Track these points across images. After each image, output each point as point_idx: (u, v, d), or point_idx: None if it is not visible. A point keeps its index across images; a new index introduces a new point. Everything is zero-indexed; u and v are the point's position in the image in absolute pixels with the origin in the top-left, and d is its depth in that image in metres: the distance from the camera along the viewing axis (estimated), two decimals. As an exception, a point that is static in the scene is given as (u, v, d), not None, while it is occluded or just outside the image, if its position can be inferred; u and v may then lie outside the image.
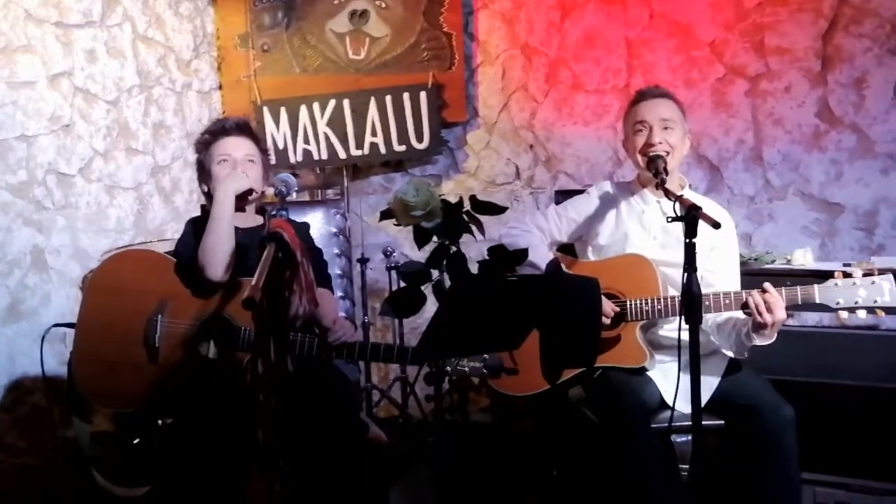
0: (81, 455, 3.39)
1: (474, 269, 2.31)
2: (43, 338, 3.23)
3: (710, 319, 2.99)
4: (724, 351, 3.01)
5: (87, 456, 3.35)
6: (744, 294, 2.81)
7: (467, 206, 2.20)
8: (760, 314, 2.71)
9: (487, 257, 2.20)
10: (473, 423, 4.16)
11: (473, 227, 2.17)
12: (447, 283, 2.16)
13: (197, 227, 2.95)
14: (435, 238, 2.16)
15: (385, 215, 2.19)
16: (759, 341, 2.81)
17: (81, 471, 3.35)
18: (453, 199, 2.30)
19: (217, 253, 2.83)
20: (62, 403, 3.54)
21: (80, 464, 3.38)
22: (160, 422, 2.98)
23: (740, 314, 2.86)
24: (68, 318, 3.26)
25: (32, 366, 3.51)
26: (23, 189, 3.72)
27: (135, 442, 3.13)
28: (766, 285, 2.75)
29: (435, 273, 2.18)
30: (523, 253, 2.22)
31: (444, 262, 2.12)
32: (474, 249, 2.48)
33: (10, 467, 3.55)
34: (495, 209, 2.20)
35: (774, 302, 2.71)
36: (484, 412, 4.30)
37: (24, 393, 3.64)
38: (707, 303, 2.85)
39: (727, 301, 2.84)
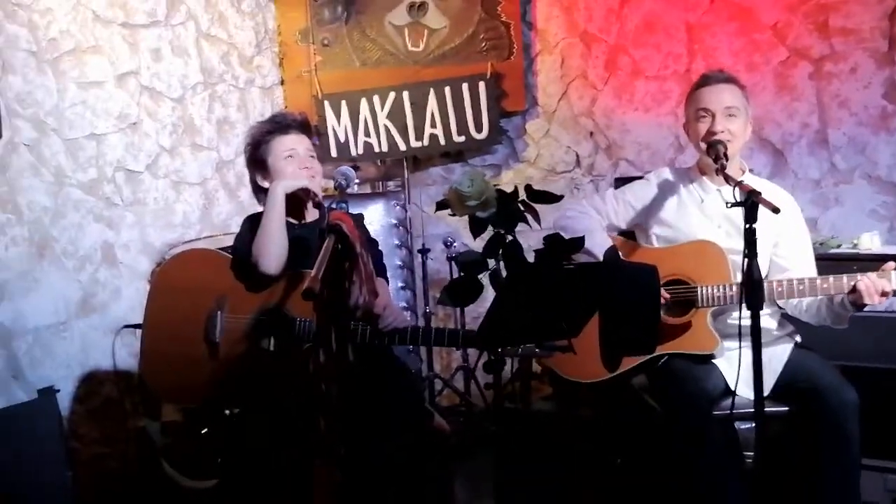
0: (152, 445, 3.48)
1: (531, 257, 2.31)
2: (115, 336, 3.33)
3: (794, 302, 2.97)
4: (821, 323, 2.97)
5: (157, 446, 3.44)
6: (818, 280, 2.79)
7: (523, 195, 2.20)
8: (871, 299, 2.70)
9: (543, 246, 2.20)
10: (535, 412, 4.15)
11: (529, 217, 2.18)
12: (504, 272, 2.16)
13: (254, 224, 3.00)
14: (491, 228, 2.17)
15: (441, 206, 2.21)
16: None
17: (152, 461, 3.44)
18: (512, 189, 2.31)
19: (270, 246, 2.89)
20: (133, 394, 3.64)
21: (151, 454, 3.47)
22: (227, 412, 3.05)
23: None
24: (138, 310, 3.34)
25: (104, 358, 3.61)
26: (93, 186, 3.82)
27: (203, 432, 3.21)
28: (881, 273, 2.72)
29: (491, 262, 2.19)
30: (580, 241, 2.22)
31: (500, 252, 2.13)
32: (532, 238, 2.49)
33: (84, 457, 3.65)
34: (551, 198, 2.21)
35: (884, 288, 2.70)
36: (546, 400, 4.29)
37: (97, 384, 3.74)
38: (780, 289, 2.84)
39: (801, 287, 2.82)
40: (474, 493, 3.60)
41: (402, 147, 4.91)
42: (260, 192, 3.12)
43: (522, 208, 2.18)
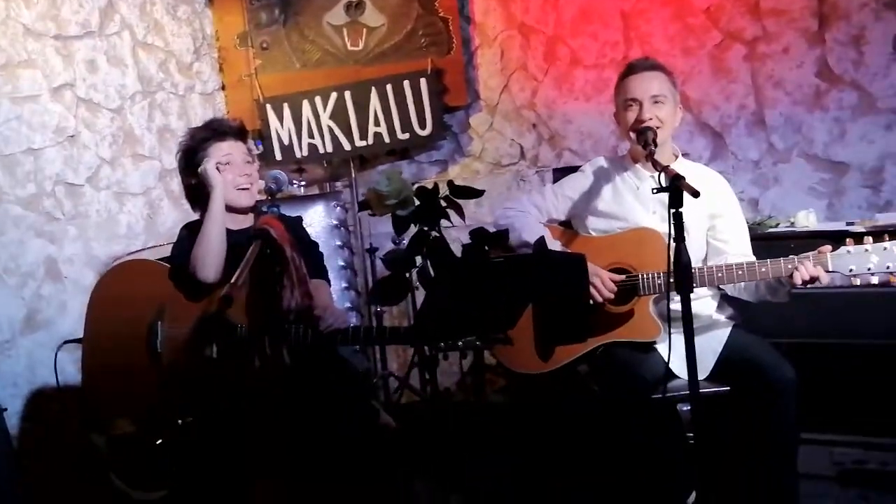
0: (101, 459, 3.46)
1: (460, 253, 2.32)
2: (56, 352, 3.31)
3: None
4: (761, 300, 3.00)
5: (106, 459, 3.42)
6: (757, 264, 2.83)
7: (445, 191, 2.22)
8: (804, 285, 2.75)
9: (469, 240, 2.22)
10: (490, 404, 4.18)
11: (451, 212, 2.19)
12: (430, 268, 2.18)
13: (191, 232, 2.99)
14: (414, 225, 2.18)
15: (362, 206, 2.22)
16: None
17: (101, 474, 3.42)
18: (459, 184, 2.32)
19: (209, 255, 2.87)
20: (81, 409, 3.60)
21: (100, 467, 3.45)
22: (180, 421, 3.04)
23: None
24: (84, 325, 3.33)
25: (52, 375, 3.58)
26: (33, 201, 3.79)
27: (158, 443, 3.19)
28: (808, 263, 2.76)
29: (419, 259, 2.20)
30: (504, 234, 2.24)
31: (425, 248, 2.14)
32: (466, 234, 2.51)
33: (34, 474, 3.61)
34: (472, 193, 2.22)
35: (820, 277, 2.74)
36: (500, 392, 4.32)
37: (45, 401, 3.71)
38: (720, 274, 2.87)
39: (740, 272, 2.85)
40: (438, 489, 3.61)
41: (347, 147, 4.90)
42: (195, 199, 3.10)
43: (445, 204, 2.19)
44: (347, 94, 4.85)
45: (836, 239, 2.83)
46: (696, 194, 2.34)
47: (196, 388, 2.89)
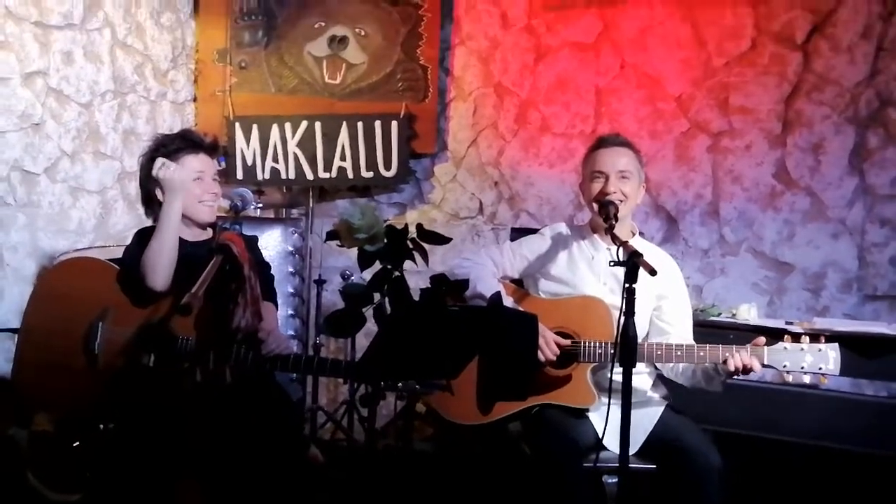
0: (18, 454, 3.38)
1: (418, 296, 2.34)
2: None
3: (670, 365, 3.07)
4: (695, 386, 3.05)
5: (24, 456, 3.34)
6: (696, 348, 2.89)
7: (413, 233, 2.24)
8: (738, 374, 2.82)
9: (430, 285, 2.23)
10: (414, 451, 4.17)
11: (417, 255, 2.21)
12: (388, 307, 2.19)
13: (144, 238, 2.96)
14: (378, 262, 2.20)
15: (330, 236, 2.23)
16: None
17: (16, 470, 3.34)
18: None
19: (160, 263, 2.85)
20: (4, 401, 3.52)
21: (16, 463, 3.37)
22: (101, 426, 2.99)
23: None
24: (21, 315, 3.26)
25: (-23, 361, 3.51)
26: (-15, 183, 3.74)
27: (74, 445, 3.13)
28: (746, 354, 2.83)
29: (377, 296, 2.21)
30: (464, 283, 2.27)
31: (386, 287, 2.16)
32: (423, 279, 2.53)
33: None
34: (440, 239, 2.24)
35: (754, 367, 2.81)
36: (427, 441, 4.32)
37: (-33, 385, 3.63)
38: (659, 352, 2.93)
39: (679, 353, 2.91)
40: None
41: (310, 176, 4.91)
42: (152, 206, 3.07)
43: (412, 246, 2.21)
44: (318, 125, 4.88)
45: (775, 336, 2.89)
46: (653, 272, 2.40)
47: (127, 394, 2.85)
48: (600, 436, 2.93)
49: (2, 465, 3.48)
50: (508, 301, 3.11)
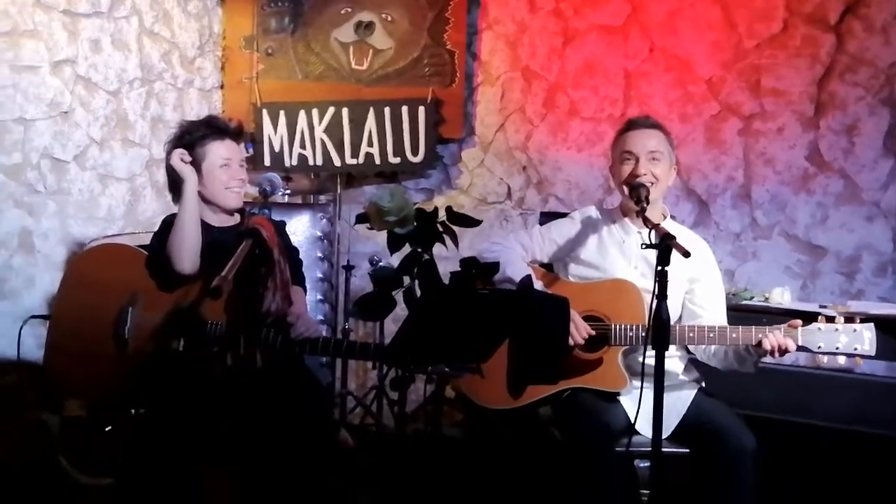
0: (50, 439, 3.41)
1: (448, 280, 2.33)
2: (21, 326, 3.27)
3: (703, 347, 3.03)
4: (728, 368, 3.01)
5: (56, 441, 3.37)
6: (728, 329, 2.85)
7: (443, 216, 2.22)
8: (772, 354, 2.77)
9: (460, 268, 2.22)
10: (443, 436, 4.16)
11: (447, 238, 2.20)
12: (417, 290, 2.18)
13: (169, 224, 2.97)
14: (408, 245, 2.18)
15: (360, 219, 2.22)
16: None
17: (49, 455, 3.37)
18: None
19: (183, 244, 2.86)
20: (36, 386, 3.56)
21: (49, 447, 3.40)
22: (133, 411, 3.01)
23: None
24: (52, 302, 3.30)
25: (10, 346, 3.52)
26: (16, 171, 3.76)
27: (106, 429, 3.15)
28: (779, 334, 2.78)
29: (406, 280, 2.20)
30: (494, 267, 2.25)
31: (416, 270, 2.14)
32: (452, 264, 2.51)
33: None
34: (470, 222, 2.23)
35: (788, 347, 2.77)
36: (456, 426, 4.31)
37: (2, 371, 3.66)
38: (691, 334, 2.89)
39: (711, 335, 2.87)
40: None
41: (337, 162, 4.91)
42: (178, 192, 3.07)
43: (441, 229, 2.20)
44: (345, 111, 4.87)
45: (809, 319, 2.85)
46: (686, 254, 2.36)
47: (157, 379, 2.86)
48: (632, 420, 2.92)
49: (35, 449, 3.51)
50: (538, 285, 3.09)
